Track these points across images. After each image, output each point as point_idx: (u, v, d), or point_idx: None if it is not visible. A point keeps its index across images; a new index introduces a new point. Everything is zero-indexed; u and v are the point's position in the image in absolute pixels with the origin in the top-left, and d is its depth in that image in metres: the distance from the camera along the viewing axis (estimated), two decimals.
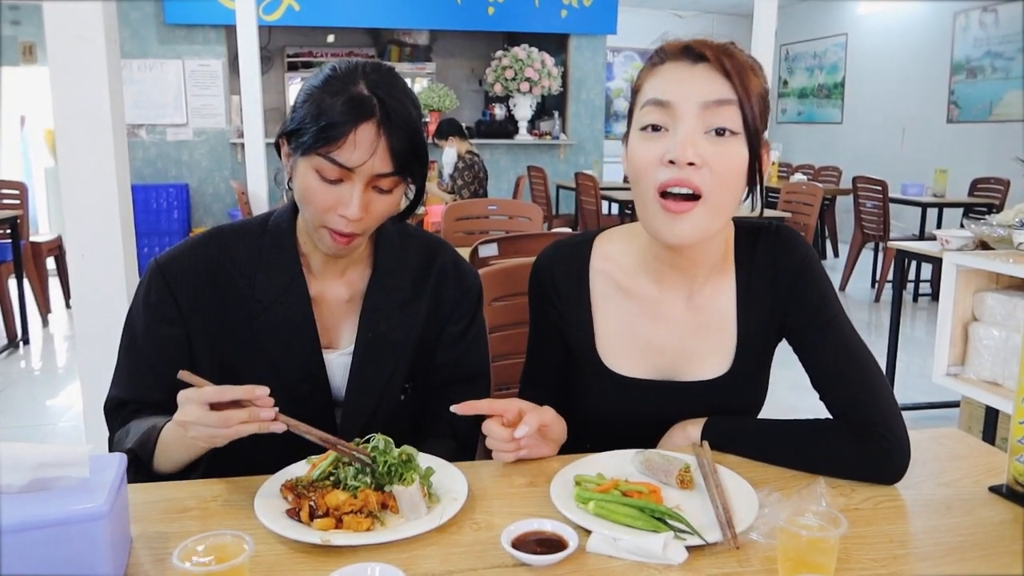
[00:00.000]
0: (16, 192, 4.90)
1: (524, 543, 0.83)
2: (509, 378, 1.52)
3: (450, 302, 1.22)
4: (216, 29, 6.61)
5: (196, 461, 1.04)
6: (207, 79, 6.66)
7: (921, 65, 7.58)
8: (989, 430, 2.59)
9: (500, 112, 7.65)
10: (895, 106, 7.96)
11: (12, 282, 4.55)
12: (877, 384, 1.05)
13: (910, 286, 5.80)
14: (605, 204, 6.27)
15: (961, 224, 3.65)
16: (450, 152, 5.06)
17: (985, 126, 6.87)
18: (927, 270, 5.78)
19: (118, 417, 1.12)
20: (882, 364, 1.16)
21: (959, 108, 7.16)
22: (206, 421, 0.90)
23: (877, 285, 5.85)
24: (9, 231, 4.39)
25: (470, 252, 2.30)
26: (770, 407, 1.19)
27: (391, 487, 0.91)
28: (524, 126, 7.42)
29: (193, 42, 6.61)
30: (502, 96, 7.28)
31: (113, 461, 0.82)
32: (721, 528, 0.85)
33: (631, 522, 0.87)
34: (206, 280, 1.12)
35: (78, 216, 1.61)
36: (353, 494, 0.90)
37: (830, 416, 1.09)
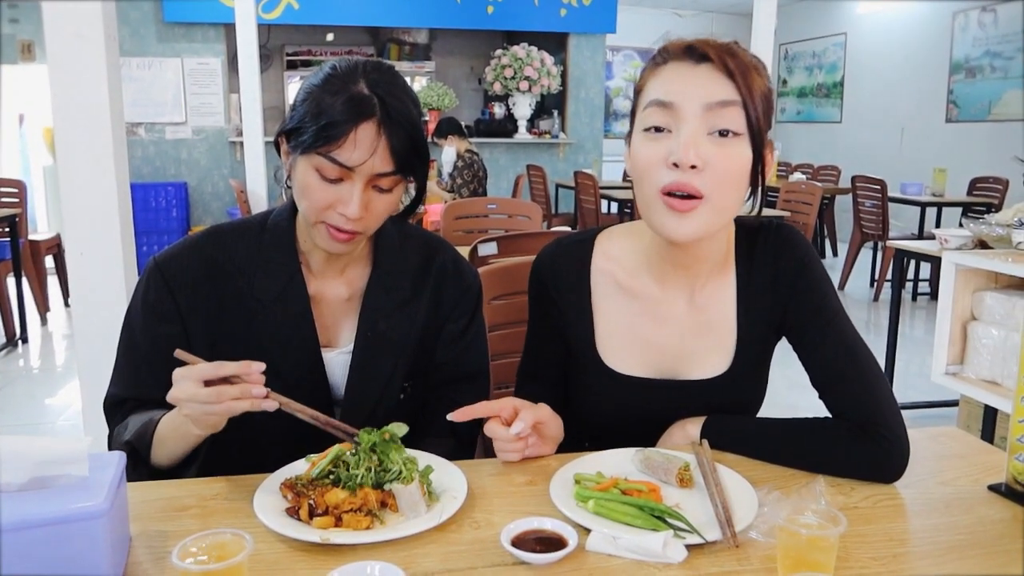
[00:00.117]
0: (15, 190, 4.90)
1: (524, 541, 0.83)
2: (508, 377, 1.51)
3: (450, 301, 1.22)
4: (215, 27, 6.61)
5: (192, 456, 1.04)
6: (206, 77, 6.66)
7: (920, 64, 7.59)
8: (988, 429, 2.59)
9: (499, 111, 7.65)
10: (894, 105, 7.97)
11: (11, 280, 4.55)
12: (877, 383, 1.05)
13: (909, 285, 5.81)
14: (604, 203, 6.27)
15: (960, 223, 3.66)
16: (449, 151, 5.06)
17: (984, 125, 6.88)
18: (926, 269, 5.78)
19: (117, 415, 1.12)
20: (881, 363, 1.16)
21: (958, 107, 7.16)
22: (199, 397, 0.90)
23: (876, 284, 5.85)
24: (8, 229, 4.39)
25: (469, 251, 2.30)
26: (769, 406, 1.19)
27: (390, 485, 0.91)
28: (523, 125, 7.42)
29: (192, 40, 6.61)
30: (501, 95, 7.28)
31: (112, 459, 0.82)
32: (721, 527, 0.85)
33: (631, 520, 0.87)
34: (205, 278, 1.12)
35: (77, 214, 1.61)
36: (352, 489, 0.90)
37: (829, 415, 1.09)
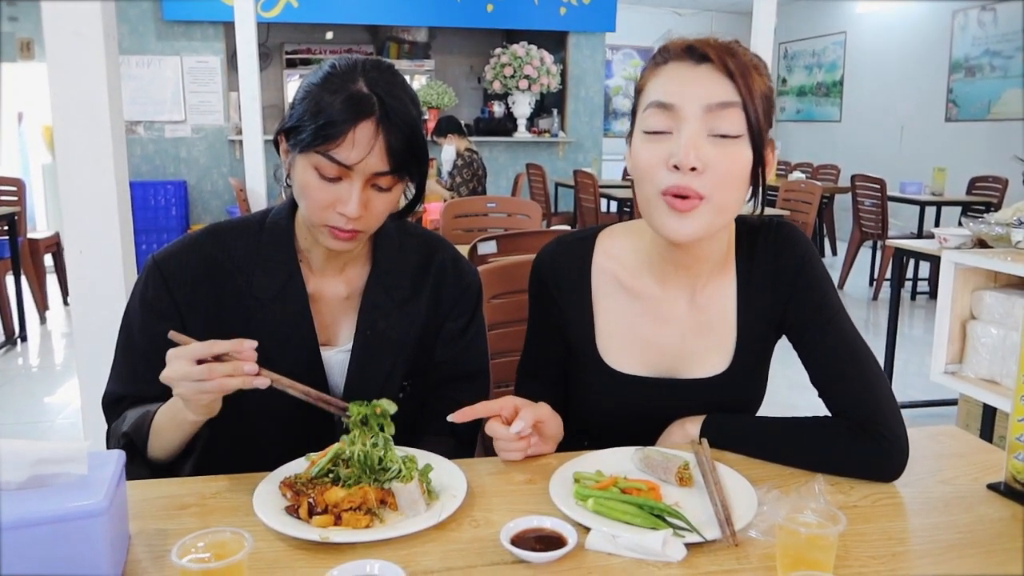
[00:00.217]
0: (14, 189, 4.90)
1: (523, 540, 0.83)
2: (508, 376, 1.51)
3: (449, 300, 1.22)
4: (214, 26, 6.60)
5: (187, 450, 1.05)
6: (205, 76, 6.65)
7: (920, 63, 7.59)
8: (987, 428, 2.59)
9: (499, 109, 7.64)
10: (894, 104, 7.97)
11: (10, 279, 4.55)
12: (876, 382, 1.05)
13: (908, 284, 5.81)
14: (604, 202, 6.27)
15: (959, 222, 3.66)
16: (449, 150, 5.05)
17: (983, 125, 6.88)
18: (925, 268, 5.79)
19: (115, 412, 1.12)
20: (880, 362, 1.16)
21: (957, 107, 7.16)
22: (192, 375, 0.90)
23: (875, 283, 5.86)
24: (7, 228, 4.38)
25: (469, 250, 2.30)
26: (769, 405, 1.19)
27: (390, 484, 0.91)
28: (523, 124, 7.41)
29: (191, 39, 6.60)
30: (501, 93, 7.27)
31: (112, 458, 0.82)
32: (720, 525, 0.85)
33: (630, 519, 0.87)
34: (203, 277, 1.12)
35: (76, 213, 1.60)
36: (347, 485, 0.90)
37: (829, 414, 1.09)
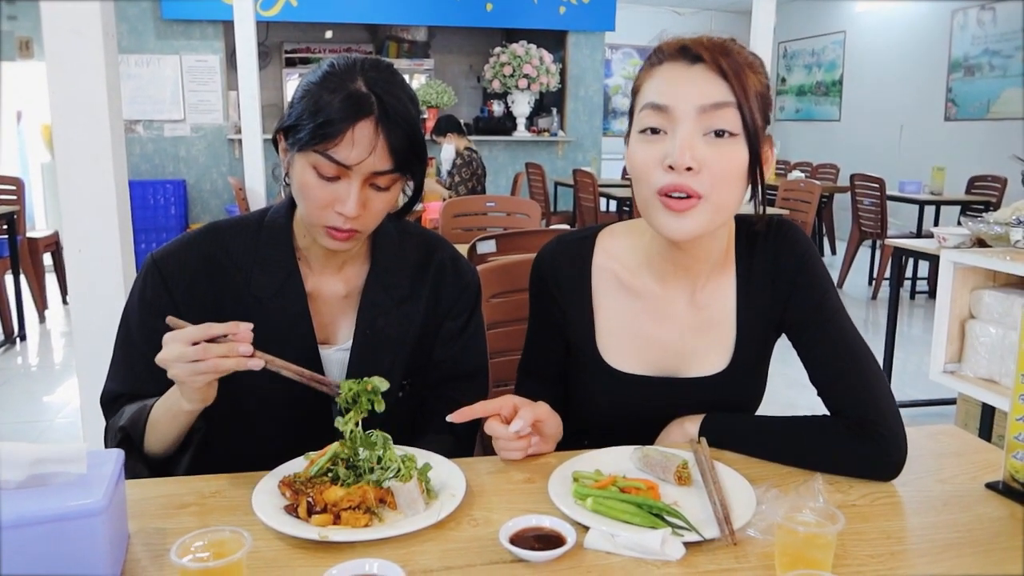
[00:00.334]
0: (13, 188, 4.90)
1: (522, 539, 0.83)
2: (508, 375, 1.51)
3: (448, 299, 1.22)
4: (213, 25, 6.60)
5: (184, 445, 1.05)
6: (204, 75, 6.65)
7: (919, 63, 7.59)
8: (985, 427, 2.59)
9: (498, 109, 7.64)
10: (893, 104, 7.97)
11: (9, 278, 4.55)
12: (875, 381, 1.05)
13: (907, 283, 5.81)
14: (603, 201, 6.27)
15: (958, 222, 3.65)
16: (448, 149, 5.05)
17: (983, 124, 6.88)
18: (924, 267, 5.78)
19: (113, 410, 1.12)
20: (879, 361, 1.16)
21: (957, 106, 7.17)
22: (186, 356, 0.91)
23: (874, 282, 5.86)
24: (6, 227, 4.38)
25: (468, 249, 2.30)
26: (768, 404, 1.19)
27: (389, 483, 0.91)
28: (522, 123, 7.41)
29: (190, 37, 6.60)
30: (500, 93, 7.27)
31: (111, 457, 0.82)
32: (719, 524, 0.85)
33: (629, 518, 0.87)
34: (202, 275, 1.12)
35: (75, 212, 1.60)
36: (346, 484, 0.90)
37: (828, 413, 1.09)
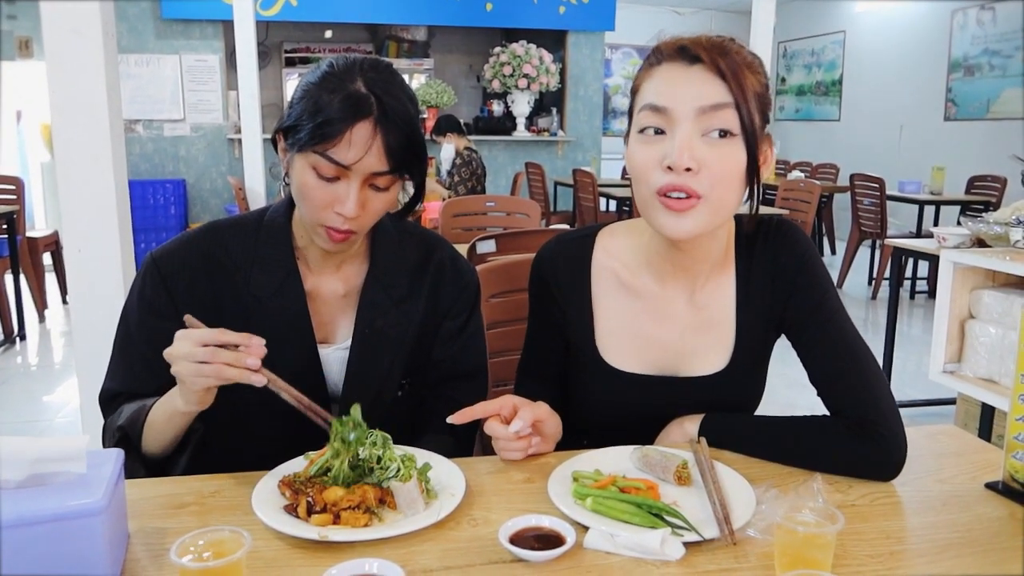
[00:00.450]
0: (12, 187, 4.89)
1: (522, 539, 0.83)
2: (507, 375, 1.51)
3: (447, 298, 1.22)
4: (213, 24, 6.60)
5: (181, 446, 1.05)
6: (204, 74, 6.65)
7: (919, 63, 7.59)
8: (985, 427, 2.59)
9: (498, 108, 7.64)
10: (893, 103, 7.97)
11: (8, 278, 4.54)
12: (875, 381, 1.05)
13: (907, 283, 5.81)
14: (603, 201, 6.27)
15: (958, 221, 3.66)
16: (448, 148, 5.05)
17: (982, 124, 6.88)
18: (924, 267, 5.79)
19: (111, 409, 1.12)
20: (879, 361, 1.16)
21: (957, 106, 7.17)
22: (194, 355, 0.91)
23: (874, 282, 5.86)
24: (5, 227, 4.38)
25: (468, 249, 2.30)
26: (768, 404, 1.19)
27: (389, 483, 0.91)
28: (522, 122, 7.41)
29: (190, 37, 6.60)
30: (500, 92, 7.27)
31: (111, 457, 0.82)
32: (718, 524, 0.86)
33: (628, 518, 0.87)
34: (202, 274, 1.12)
35: (75, 211, 1.61)
36: (347, 484, 0.90)
37: (827, 413, 1.09)
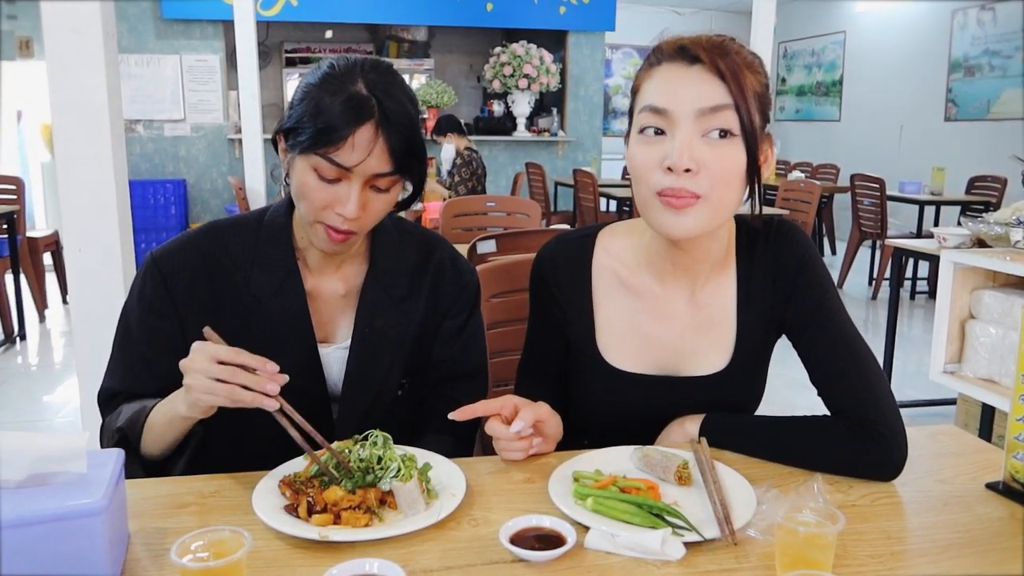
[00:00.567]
0: (13, 187, 4.89)
1: (522, 539, 0.83)
2: (507, 375, 1.51)
3: (447, 298, 1.22)
4: (214, 24, 6.60)
5: (180, 448, 1.05)
6: (204, 74, 6.65)
7: (919, 63, 7.59)
8: (985, 427, 2.59)
9: (498, 109, 7.64)
10: (893, 104, 7.97)
11: (9, 278, 4.54)
12: (875, 381, 1.05)
13: (907, 284, 5.81)
14: (603, 201, 6.26)
15: (958, 222, 3.65)
16: (448, 149, 5.05)
17: (983, 124, 6.88)
18: (924, 268, 5.78)
19: (110, 408, 1.12)
20: (880, 362, 1.16)
21: (957, 106, 7.17)
22: (210, 372, 0.90)
23: (874, 283, 5.86)
24: (6, 226, 4.38)
25: (468, 249, 2.30)
26: (768, 404, 1.19)
27: (389, 483, 0.91)
28: (522, 123, 7.41)
29: (190, 37, 6.60)
30: (500, 92, 7.27)
31: (111, 457, 0.82)
32: (719, 524, 0.85)
33: (629, 518, 0.87)
34: (202, 274, 1.12)
35: (75, 211, 1.61)
36: (351, 490, 0.90)
37: (828, 413, 1.09)
